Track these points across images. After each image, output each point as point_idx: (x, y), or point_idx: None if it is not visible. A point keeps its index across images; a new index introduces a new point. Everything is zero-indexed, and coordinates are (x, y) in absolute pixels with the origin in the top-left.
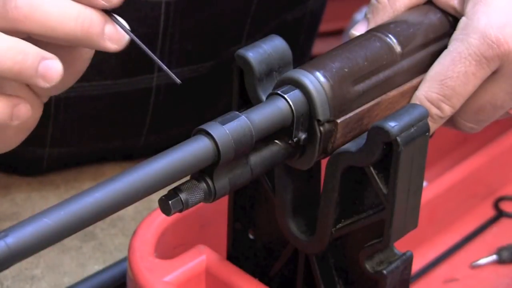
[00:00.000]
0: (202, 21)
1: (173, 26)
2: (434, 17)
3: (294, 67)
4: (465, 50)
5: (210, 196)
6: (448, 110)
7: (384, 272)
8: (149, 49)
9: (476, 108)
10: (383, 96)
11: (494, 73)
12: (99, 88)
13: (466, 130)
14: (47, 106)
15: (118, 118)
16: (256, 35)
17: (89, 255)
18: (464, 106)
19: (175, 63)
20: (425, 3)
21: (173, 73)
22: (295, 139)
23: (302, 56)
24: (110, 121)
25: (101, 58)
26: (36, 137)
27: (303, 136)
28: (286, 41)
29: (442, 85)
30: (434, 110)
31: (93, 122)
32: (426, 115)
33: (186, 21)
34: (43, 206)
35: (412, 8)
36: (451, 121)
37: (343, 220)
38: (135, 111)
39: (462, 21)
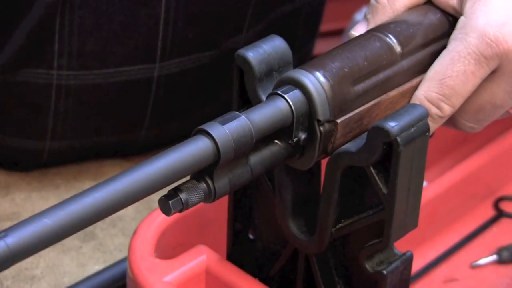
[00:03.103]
0: (204, 9)
1: (175, 14)
2: (433, 17)
3: (294, 67)
4: (464, 49)
5: (210, 196)
6: (447, 109)
7: (384, 272)
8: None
9: (476, 107)
10: (383, 96)
11: (494, 72)
12: (100, 76)
13: (466, 129)
14: (47, 95)
15: (119, 109)
16: (256, 26)
17: (89, 255)
18: (464, 105)
19: (176, 52)
20: (424, 3)
21: (175, 62)
22: (295, 139)
23: (303, 56)
24: (111, 113)
25: (103, 46)
26: (36, 130)
27: (303, 136)
28: (285, 34)
29: (442, 84)
30: (434, 110)
31: (93, 113)
32: (426, 115)
33: (188, 9)
34: (43, 206)
35: (411, 8)
36: (451, 121)
37: (343, 220)
38: (136, 102)
39: (461, 20)
